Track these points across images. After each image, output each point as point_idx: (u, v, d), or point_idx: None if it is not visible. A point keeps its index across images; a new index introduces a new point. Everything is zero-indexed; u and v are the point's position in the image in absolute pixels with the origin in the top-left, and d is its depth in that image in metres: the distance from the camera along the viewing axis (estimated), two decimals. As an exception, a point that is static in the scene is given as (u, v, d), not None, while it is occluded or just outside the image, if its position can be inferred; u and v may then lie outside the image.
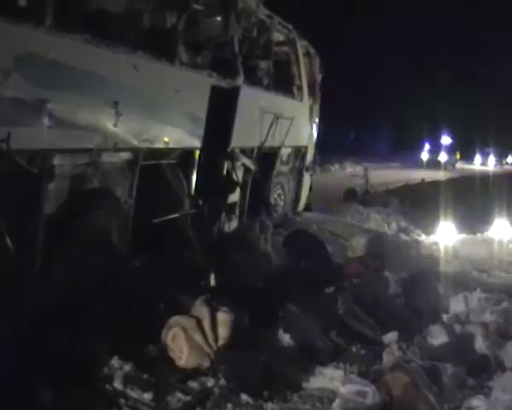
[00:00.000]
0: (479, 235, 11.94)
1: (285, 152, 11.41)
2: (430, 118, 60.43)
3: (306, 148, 12.67)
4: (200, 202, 8.55)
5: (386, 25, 63.07)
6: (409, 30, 66.10)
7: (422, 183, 25.13)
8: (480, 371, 5.84)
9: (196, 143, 7.88)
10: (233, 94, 8.74)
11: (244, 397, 4.91)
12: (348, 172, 31.39)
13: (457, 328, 6.77)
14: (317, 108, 13.14)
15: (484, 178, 31.04)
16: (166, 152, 7.42)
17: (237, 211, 9.74)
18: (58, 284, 5.52)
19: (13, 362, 4.51)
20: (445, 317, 7.21)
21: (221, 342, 5.41)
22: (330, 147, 29.41)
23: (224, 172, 9.04)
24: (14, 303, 5.03)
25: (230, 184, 9.21)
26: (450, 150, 59.79)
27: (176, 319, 5.51)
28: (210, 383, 5.11)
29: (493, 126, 60.41)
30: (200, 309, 5.56)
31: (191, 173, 8.17)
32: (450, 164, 54.26)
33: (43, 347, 4.81)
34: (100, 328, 5.26)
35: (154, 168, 7.20)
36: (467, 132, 64.36)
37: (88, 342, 5.07)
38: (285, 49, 11.57)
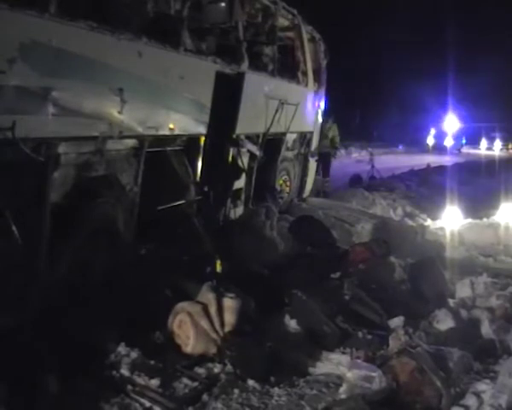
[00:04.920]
0: (485, 220, 11.88)
1: (290, 138, 11.39)
2: (436, 103, 60.22)
3: (312, 133, 12.65)
4: (206, 189, 8.55)
5: (391, 8, 62.69)
6: (415, 14, 65.75)
7: (428, 167, 25.02)
8: (486, 355, 5.85)
9: (201, 129, 7.87)
10: (238, 80, 8.72)
11: (251, 383, 4.94)
12: (354, 158, 31.32)
13: (463, 313, 6.77)
14: (322, 93, 13.11)
15: (490, 162, 30.91)
16: (172, 139, 7.41)
17: (243, 197, 9.74)
18: (64, 273, 5.54)
19: (19, 351, 4.55)
20: (451, 302, 7.21)
21: (227, 328, 5.43)
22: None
23: (230, 158, 9.03)
24: (21, 292, 5.05)
25: (236, 171, 9.21)
26: (456, 135, 59.61)
27: (182, 305, 5.53)
28: (217, 369, 5.15)
29: (499, 111, 60.23)
30: (207, 295, 5.58)
31: (197, 160, 8.15)
32: (455, 149, 54.16)
33: (50, 335, 4.84)
34: (106, 315, 5.28)
35: (159, 155, 7.20)
36: (473, 117, 64.15)
37: (94, 330, 5.10)
38: (290, 34, 11.53)
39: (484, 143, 60.67)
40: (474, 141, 61.70)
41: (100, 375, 4.79)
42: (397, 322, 6.37)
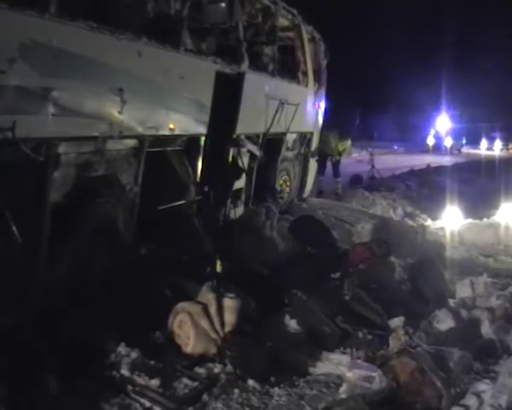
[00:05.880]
0: (485, 220, 11.87)
1: (290, 138, 11.38)
2: (436, 103, 60.26)
3: (312, 133, 12.65)
4: (206, 189, 8.55)
5: (391, 9, 62.83)
6: (413, 13, 65.81)
7: (428, 168, 25.02)
8: (487, 355, 5.84)
9: (202, 129, 7.86)
10: (238, 80, 8.71)
11: (251, 383, 4.94)
12: (354, 158, 31.31)
13: (464, 313, 6.75)
14: (322, 93, 13.10)
15: (490, 162, 30.91)
16: (172, 139, 7.41)
17: (243, 197, 9.74)
18: (64, 273, 5.54)
19: (19, 351, 4.55)
20: (451, 302, 7.19)
21: (228, 328, 5.42)
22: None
23: (230, 158, 9.02)
24: (21, 292, 5.05)
25: (236, 171, 9.21)
26: (456, 135, 59.60)
27: (182, 305, 5.53)
28: (217, 369, 5.15)
29: (500, 111, 60.24)
30: (207, 295, 5.58)
31: (197, 160, 8.15)
32: (455, 149, 54.16)
33: (50, 335, 4.84)
34: (106, 315, 5.28)
35: (159, 155, 7.20)
36: (473, 117, 64.16)
37: (95, 330, 5.09)
38: (290, 34, 11.52)
39: (484, 143, 60.67)
40: (474, 141, 61.69)
41: (100, 375, 4.79)
42: (397, 322, 6.37)
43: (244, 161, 9.32)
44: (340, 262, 7.98)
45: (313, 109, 12.53)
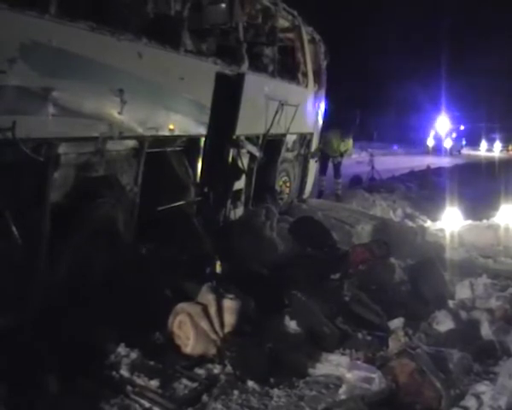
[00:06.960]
0: (485, 221, 11.88)
1: (290, 139, 11.37)
2: (436, 104, 60.26)
3: (312, 134, 12.65)
4: (206, 190, 8.55)
5: (390, 9, 62.94)
6: (413, 14, 65.88)
7: (428, 169, 25.00)
8: (486, 357, 5.84)
9: (201, 130, 7.86)
10: (238, 81, 8.71)
11: (250, 384, 4.94)
12: (354, 159, 31.32)
13: (463, 314, 6.75)
14: (322, 94, 13.10)
15: (490, 164, 30.92)
16: (172, 140, 7.41)
17: (243, 198, 9.73)
18: (64, 273, 5.54)
19: (19, 351, 4.55)
20: (450, 303, 7.19)
21: (227, 328, 5.42)
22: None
23: (230, 159, 9.02)
24: (21, 292, 5.06)
25: (236, 172, 9.20)
26: (456, 136, 59.64)
27: (182, 305, 5.53)
28: (216, 369, 5.14)
29: (499, 112, 60.24)
30: (207, 296, 5.58)
31: (196, 161, 8.15)
32: (455, 150, 54.20)
33: (50, 335, 4.84)
34: (106, 316, 5.28)
35: (159, 156, 7.20)
36: (473, 118, 64.19)
37: (95, 330, 5.10)
38: (290, 35, 11.51)
39: (484, 144, 60.74)
40: (474, 142, 61.73)
41: (100, 375, 4.79)
42: (397, 323, 6.37)
43: (244, 162, 9.32)
44: (340, 263, 7.99)
45: (313, 110, 12.51)
